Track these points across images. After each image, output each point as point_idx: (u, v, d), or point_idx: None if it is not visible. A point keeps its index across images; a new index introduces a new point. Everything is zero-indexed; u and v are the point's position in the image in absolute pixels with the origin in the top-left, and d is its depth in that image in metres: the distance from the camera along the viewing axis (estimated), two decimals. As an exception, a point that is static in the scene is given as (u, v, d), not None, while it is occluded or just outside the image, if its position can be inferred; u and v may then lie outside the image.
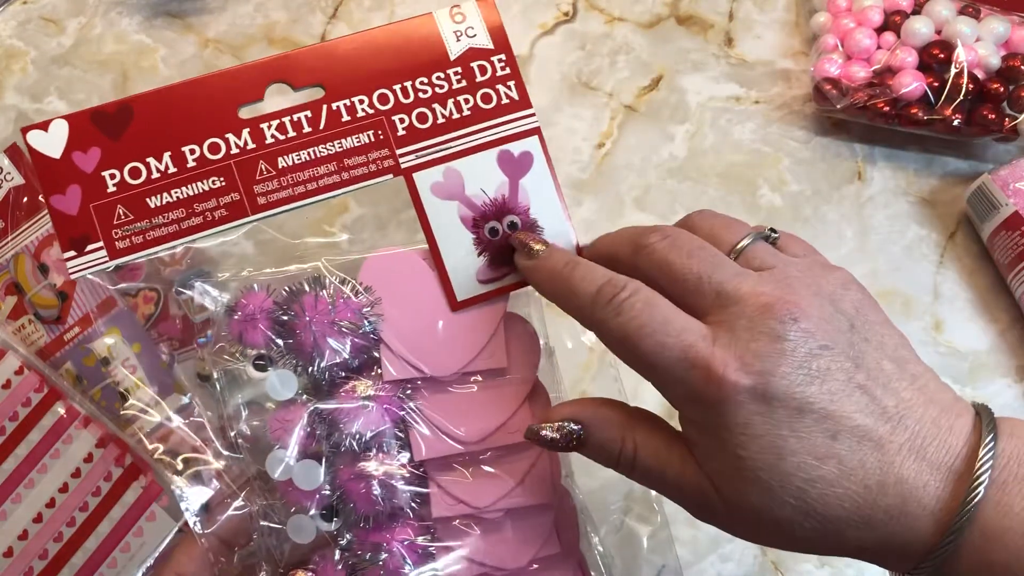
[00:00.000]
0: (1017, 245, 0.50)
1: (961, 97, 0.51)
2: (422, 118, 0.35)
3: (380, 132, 0.35)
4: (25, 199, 0.51)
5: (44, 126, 0.33)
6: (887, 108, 0.52)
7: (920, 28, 0.52)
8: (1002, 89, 0.51)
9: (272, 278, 0.34)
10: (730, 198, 0.54)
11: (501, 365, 0.34)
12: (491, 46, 0.36)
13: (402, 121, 0.35)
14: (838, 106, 0.53)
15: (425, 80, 0.35)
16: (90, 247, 0.33)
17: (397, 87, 0.35)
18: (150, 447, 0.45)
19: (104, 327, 0.48)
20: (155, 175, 0.33)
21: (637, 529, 0.42)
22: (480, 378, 0.34)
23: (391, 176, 0.35)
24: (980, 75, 0.52)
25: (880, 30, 0.54)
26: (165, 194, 0.33)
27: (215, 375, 0.34)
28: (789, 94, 0.58)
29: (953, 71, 0.51)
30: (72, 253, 0.33)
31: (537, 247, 0.33)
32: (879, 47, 0.54)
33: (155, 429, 0.46)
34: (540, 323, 0.36)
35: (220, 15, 0.60)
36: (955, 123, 0.51)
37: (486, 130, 0.35)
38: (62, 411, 0.43)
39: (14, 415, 0.43)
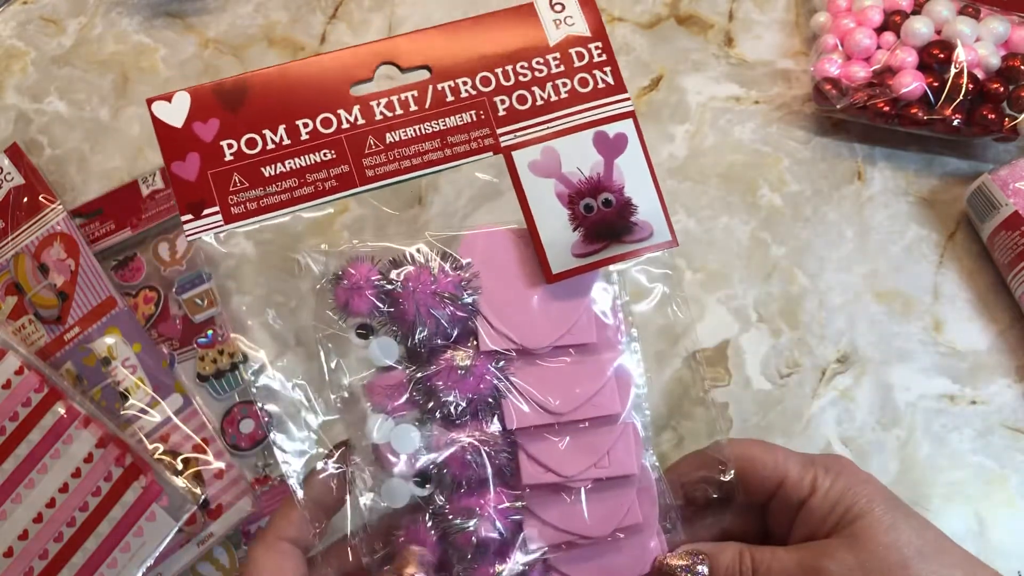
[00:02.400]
0: (1017, 245, 0.50)
1: (961, 97, 0.51)
2: (522, 100, 0.37)
3: (482, 112, 0.36)
4: (25, 199, 0.51)
5: (168, 97, 0.35)
6: (887, 108, 0.52)
7: (920, 28, 0.52)
8: (1002, 89, 0.51)
9: (376, 250, 0.36)
10: (730, 198, 0.54)
11: (590, 340, 0.35)
12: (588, 34, 0.38)
13: (503, 102, 0.37)
14: (838, 106, 0.53)
15: (525, 64, 0.37)
16: (206, 211, 0.35)
17: (499, 70, 0.37)
18: (150, 447, 0.45)
19: (104, 327, 0.48)
20: (270, 146, 0.35)
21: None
22: (571, 352, 0.36)
23: (491, 153, 0.36)
24: (980, 75, 0.52)
25: (880, 30, 0.54)
26: (279, 164, 0.35)
27: (318, 338, 0.35)
28: (789, 94, 0.58)
29: (953, 71, 0.51)
30: (189, 216, 0.34)
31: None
32: (879, 47, 0.54)
33: (155, 429, 0.46)
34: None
35: (220, 15, 0.60)
36: (955, 123, 0.51)
37: (582, 112, 0.37)
38: (62, 411, 0.43)
39: (14, 415, 0.43)
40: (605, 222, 0.36)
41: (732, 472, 0.36)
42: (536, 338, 0.35)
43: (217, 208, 0.35)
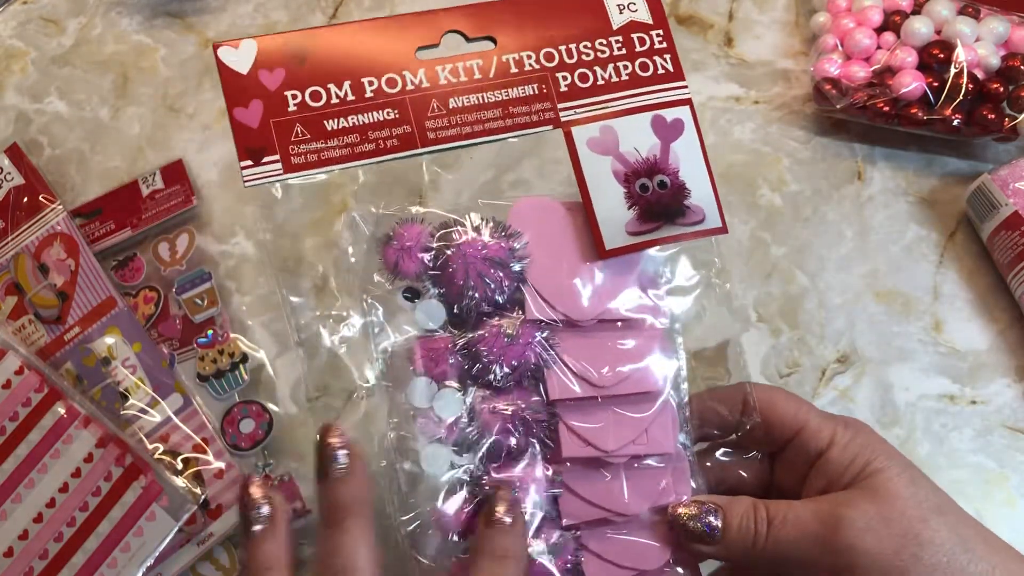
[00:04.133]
0: (1017, 245, 0.50)
1: (961, 97, 0.51)
2: (583, 78, 0.37)
3: (544, 86, 0.37)
4: (25, 199, 0.51)
5: (235, 43, 0.35)
6: (887, 108, 0.52)
7: (920, 28, 0.52)
8: (1002, 89, 0.51)
9: (426, 215, 0.36)
10: (730, 198, 0.54)
11: (632, 316, 0.36)
12: (651, 21, 0.38)
13: (564, 79, 0.37)
14: (838, 106, 0.53)
15: (588, 44, 0.38)
16: (267, 159, 0.35)
17: (563, 48, 0.37)
18: (150, 447, 0.45)
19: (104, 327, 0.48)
20: (334, 100, 0.35)
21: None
22: (615, 327, 0.36)
23: (551, 127, 0.37)
24: (980, 75, 0.52)
25: (880, 30, 0.54)
26: (342, 119, 0.35)
27: (364, 299, 0.35)
28: (789, 94, 0.58)
29: (953, 71, 0.51)
30: (249, 163, 0.34)
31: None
32: (879, 47, 0.54)
33: (155, 429, 0.46)
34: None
35: (220, 15, 0.60)
36: (955, 123, 0.51)
37: (642, 95, 0.38)
38: (62, 411, 0.43)
39: (14, 415, 0.43)
40: (660, 203, 0.36)
41: (756, 412, 0.36)
42: (582, 310, 0.35)
43: (278, 157, 0.35)
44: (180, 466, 0.45)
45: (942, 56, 0.51)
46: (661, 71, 0.38)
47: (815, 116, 0.57)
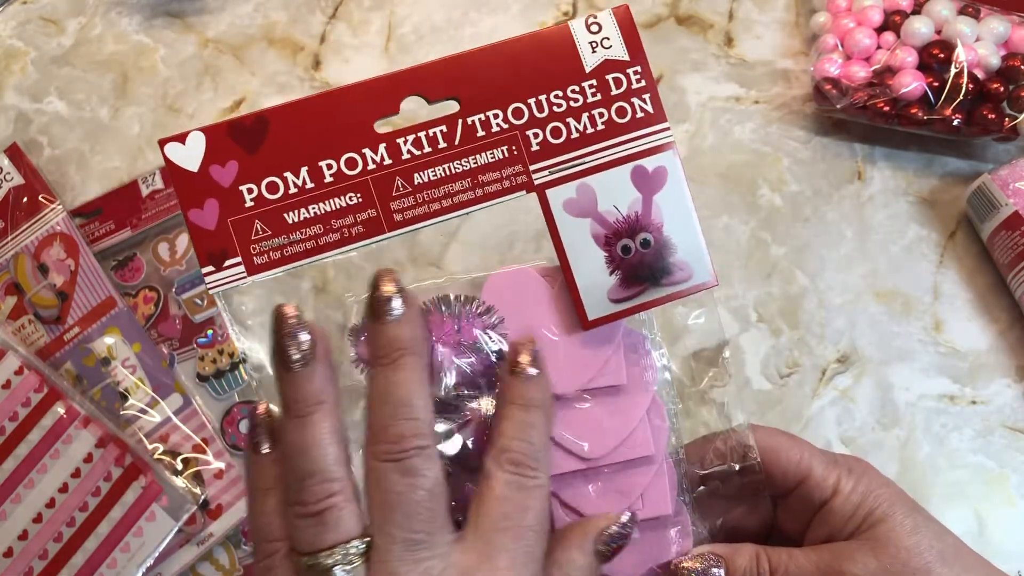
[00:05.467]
0: (1017, 245, 0.50)
1: (961, 97, 0.51)
2: (556, 132, 0.35)
3: (514, 147, 0.35)
4: (25, 199, 0.51)
5: (181, 139, 0.33)
6: (887, 108, 0.52)
7: (920, 28, 0.52)
8: (1002, 89, 0.51)
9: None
10: (730, 198, 0.54)
11: (621, 382, 0.34)
12: (627, 58, 0.35)
13: (536, 136, 0.35)
14: (838, 106, 0.53)
15: (560, 93, 0.35)
16: (228, 262, 0.33)
17: (532, 100, 0.35)
18: (150, 447, 0.45)
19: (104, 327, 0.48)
20: (292, 190, 0.33)
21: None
22: (600, 394, 0.35)
23: (524, 192, 0.34)
24: (980, 75, 0.52)
25: (880, 30, 0.54)
26: (303, 209, 0.33)
27: (342, 388, 0.33)
28: (789, 94, 0.58)
29: (953, 71, 0.51)
30: (211, 268, 0.33)
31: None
32: (879, 47, 0.54)
33: (155, 429, 0.46)
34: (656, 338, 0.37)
35: (220, 15, 0.60)
36: (955, 123, 0.51)
37: (620, 145, 0.35)
38: (62, 411, 0.43)
39: (14, 415, 0.43)
40: (644, 264, 0.34)
41: (758, 459, 0.36)
42: (564, 383, 0.34)
43: (239, 259, 0.33)
44: (180, 466, 0.45)
45: (942, 56, 0.51)
46: (640, 114, 0.35)
47: (815, 116, 0.57)
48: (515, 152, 0.34)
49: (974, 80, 0.51)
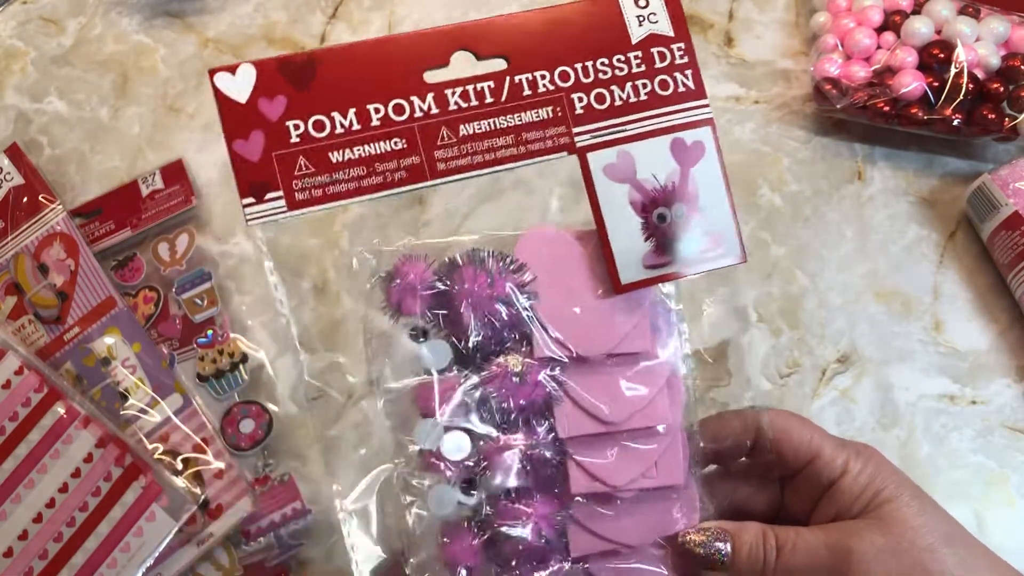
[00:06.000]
0: (1017, 245, 0.50)
1: (961, 97, 0.51)
2: (600, 99, 0.35)
3: (559, 109, 0.35)
4: (25, 199, 0.51)
5: (232, 69, 0.33)
6: (887, 108, 0.52)
7: (920, 28, 0.52)
8: (1002, 89, 0.51)
9: (429, 248, 0.35)
10: (730, 198, 0.54)
11: (645, 349, 0.35)
12: (672, 34, 0.36)
13: (580, 100, 0.35)
14: (838, 106, 0.53)
15: (606, 61, 0.35)
16: (270, 195, 0.33)
17: (578, 66, 0.35)
18: (150, 447, 0.45)
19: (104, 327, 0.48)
20: (339, 130, 0.34)
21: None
22: (624, 360, 0.35)
23: (565, 153, 0.35)
24: (980, 75, 0.52)
25: (880, 30, 0.54)
26: (347, 150, 0.34)
27: (364, 338, 0.34)
28: (789, 94, 0.58)
29: (953, 71, 0.51)
30: (251, 200, 0.33)
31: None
32: (879, 47, 0.54)
33: (155, 429, 0.46)
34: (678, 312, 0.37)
35: (220, 15, 0.60)
36: (955, 123, 0.51)
37: (661, 116, 0.35)
38: (62, 411, 0.43)
39: (14, 415, 0.43)
40: (677, 234, 0.35)
41: (771, 437, 0.36)
42: (591, 346, 0.34)
43: (281, 193, 0.33)
44: (180, 466, 0.45)
45: (942, 56, 0.51)
46: (682, 88, 0.36)
47: (815, 116, 0.57)
48: (559, 113, 0.35)
49: (974, 80, 0.51)
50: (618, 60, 0.35)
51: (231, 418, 0.47)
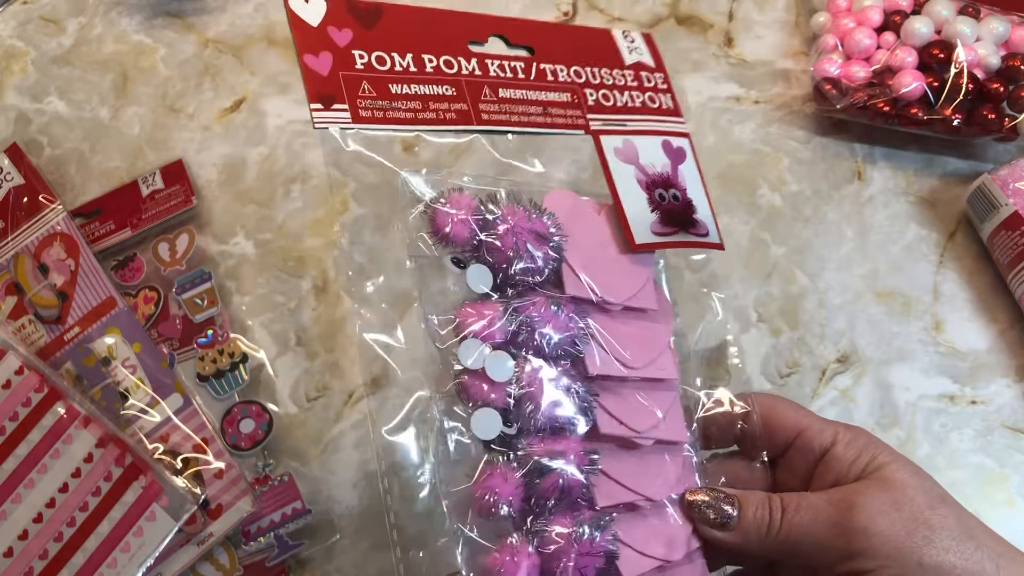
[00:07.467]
0: (1017, 245, 0.50)
1: (961, 97, 0.51)
2: (605, 98, 0.42)
3: (576, 96, 0.41)
4: (25, 199, 0.51)
5: None
6: (887, 108, 0.52)
7: (920, 28, 0.52)
8: (1002, 89, 0.51)
9: (470, 186, 0.37)
10: (730, 198, 0.54)
11: (652, 307, 0.38)
12: (653, 65, 0.44)
13: (591, 94, 0.42)
14: (838, 106, 0.53)
15: (608, 71, 0.43)
16: (336, 106, 0.36)
17: (588, 69, 0.42)
18: (150, 447, 0.45)
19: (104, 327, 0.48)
20: (398, 68, 0.38)
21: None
22: (635, 315, 0.38)
23: (583, 132, 0.41)
24: (980, 75, 0.52)
25: (880, 30, 0.54)
26: (405, 86, 0.38)
27: (409, 262, 0.36)
28: (789, 94, 0.58)
29: (953, 71, 0.51)
30: (319, 106, 0.36)
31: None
32: (879, 47, 0.54)
33: (155, 429, 0.46)
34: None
35: (220, 15, 0.60)
36: (955, 123, 0.51)
37: (651, 121, 0.42)
38: (62, 411, 0.43)
39: (14, 415, 0.43)
40: (676, 211, 0.40)
41: (756, 416, 0.38)
42: (613, 293, 0.37)
43: (346, 106, 0.36)
44: (180, 466, 0.45)
45: (942, 56, 0.51)
46: (665, 107, 0.43)
47: (815, 116, 0.57)
48: (576, 100, 0.41)
49: (974, 80, 0.51)
50: (616, 73, 0.43)
51: (231, 418, 0.47)
